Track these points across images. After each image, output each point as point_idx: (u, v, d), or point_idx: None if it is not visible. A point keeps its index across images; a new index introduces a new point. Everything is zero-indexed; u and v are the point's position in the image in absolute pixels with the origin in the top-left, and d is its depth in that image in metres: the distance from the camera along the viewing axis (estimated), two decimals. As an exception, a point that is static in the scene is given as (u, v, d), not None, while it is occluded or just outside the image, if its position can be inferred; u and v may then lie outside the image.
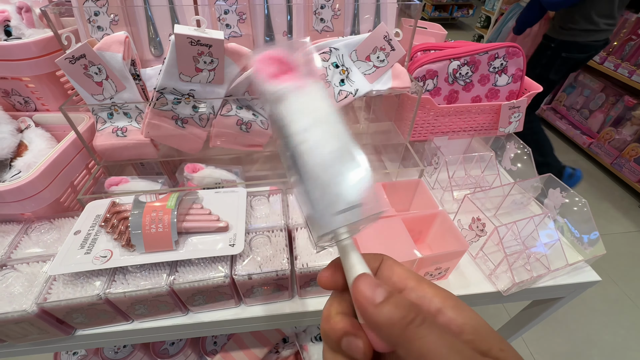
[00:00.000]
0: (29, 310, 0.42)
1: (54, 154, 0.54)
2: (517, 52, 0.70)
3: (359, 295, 0.19)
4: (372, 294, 0.18)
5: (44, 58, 0.59)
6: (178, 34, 0.49)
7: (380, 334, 0.18)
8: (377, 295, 0.18)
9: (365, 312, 0.18)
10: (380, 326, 0.18)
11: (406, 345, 0.17)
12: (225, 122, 0.60)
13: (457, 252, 0.53)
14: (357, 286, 0.19)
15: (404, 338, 0.17)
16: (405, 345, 0.17)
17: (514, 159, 0.77)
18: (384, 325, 0.18)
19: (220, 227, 0.49)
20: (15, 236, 0.51)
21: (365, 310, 0.18)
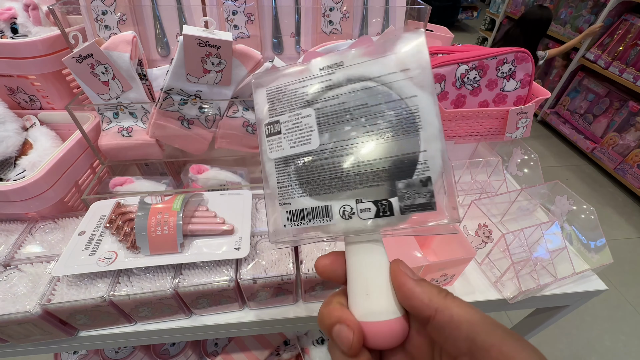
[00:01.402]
0: (33, 311, 0.42)
1: (59, 154, 0.54)
2: (526, 57, 0.69)
3: (401, 272, 0.22)
4: (412, 273, 0.22)
5: (51, 56, 0.58)
6: (186, 35, 0.48)
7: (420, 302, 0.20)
8: (416, 275, 0.22)
9: (405, 285, 0.21)
10: (421, 296, 0.20)
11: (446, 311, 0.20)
12: (231, 123, 0.60)
13: (463, 259, 0.52)
14: (398, 266, 0.22)
15: (444, 305, 0.20)
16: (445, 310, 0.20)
17: (521, 164, 0.77)
18: (425, 294, 0.20)
19: (226, 230, 0.49)
20: (19, 236, 0.51)
21: (405, 283, 0.21)
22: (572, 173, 2.35)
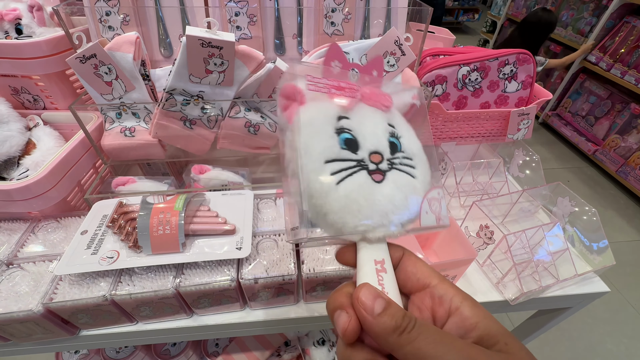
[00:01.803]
0: (35, 310, 0.42)
1: (62, 153, 0.54)
2: (528, 58, 0.70)
3: (359, 305, 0.20)
4: (372, 305, 0.20)
5: (54, 57, 0.59)
6: (189, 36, 0.49)
7: (378, 341, 0.20)
8: (377, 306, 0.20)
9: (365, 321, 0.20)
10: (377, 334, 0.20)
11: (400, 351, 0.19)
12: (233, 123, 0.60)
13: (465, 260, 0.52)
14: (358, 296, 0.21)
15: (398, 344, 0.19)
16: (399, 350, 0.19)
17: (522, 166, 0.77)
18: (381, 333, 0.19)
19: (227, 230, 0.49)
20: (22, 234, 0.51)
21: (364, 319, 0.20)
22: (573, 175, 2.34)
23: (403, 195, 0.24)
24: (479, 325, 0.20)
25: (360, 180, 0.24)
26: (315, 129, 0.25)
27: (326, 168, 0.23)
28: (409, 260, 0.25)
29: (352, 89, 0.26)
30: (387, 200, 0.24)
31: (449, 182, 0.73)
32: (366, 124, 0.26)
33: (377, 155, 0.25)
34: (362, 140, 0.25)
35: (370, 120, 0.26)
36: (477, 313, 0.21)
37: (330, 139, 0.24)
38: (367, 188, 0.24)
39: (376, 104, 0.27)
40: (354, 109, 0.26)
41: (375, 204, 0.23)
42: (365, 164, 0.24)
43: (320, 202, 0.23)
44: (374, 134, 0.25)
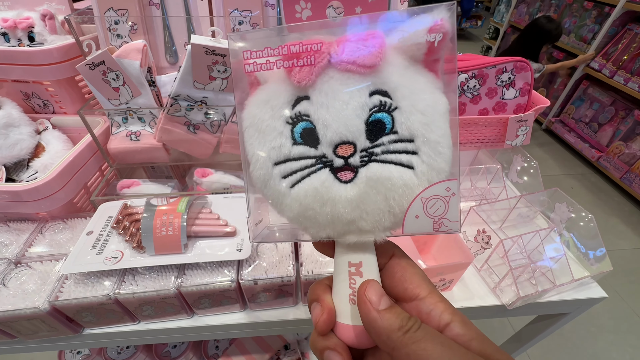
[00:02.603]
0: (42, 307, 0.44)
1: (69, 156, 0.56)
2: (525, 66, 0.71)
3: (364, 299, 0.20)
4: (378, 301, 0.19)
5: (65, 64, 0.61)
6: (194, 44, 0.51)
7: (379, 337, 0.19)
8: (382, 303, 0.19)
9: (368, 314, 0.19)
10: (379, 330, 0.19)
11: (403, 349, 0.18)
12: (236, 128, 0.61)
13: (461, 264, 0.53)
14: (365, 290, 0.20)
15: (402, 342, 0.18)
16: (402, 349, 0.18)
17: (521, 172, 0.77)
18: (384, 329, 0.19)
19: (228, 232, 0.50)
20: (30, 234, 0.53)
21: (368, 313, 0.19)
22: (577, 182, 2.33)
23: (381, 197, 0.19)
24: (472, 343, 0.19)
25: (317, 182, 0.19)
26: (260, 126, 0.20)
27: (275, 172, 0.20)
28: (398, 265, 0.22)
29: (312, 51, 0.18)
30: (353, 206, 0.19)
31: (447, 187, 0.73)
32: (331, 104, 0.19)
33: (347, 146, 0.19)
34: (323, 129, 0.19)
35: (339, 97, 0.19)
36: (469, 331, 0.19)
37: (278, 137, 0.20)
38: (326, 192, 0.19)
39: (350, 67, 0.19)
40: (317, 83, 0.19)
41: (336, 211, 0.19)
42: (329, 160, 0.20)
43: (277, 209, 0.21)
44: (340, 116, 0.19)
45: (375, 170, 0.19)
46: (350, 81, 0.19)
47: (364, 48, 0.19)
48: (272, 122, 0.20)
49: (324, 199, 0.20)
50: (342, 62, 0.19)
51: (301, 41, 0.19)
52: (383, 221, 0.20)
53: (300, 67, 0.19)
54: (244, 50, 0.19)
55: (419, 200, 0.20)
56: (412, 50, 0.20)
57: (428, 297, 0.21)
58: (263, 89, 0.20)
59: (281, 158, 0.20)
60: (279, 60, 0.19)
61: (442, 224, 0.20)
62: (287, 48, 0.19)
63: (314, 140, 0.19)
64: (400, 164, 0.19)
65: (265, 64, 0.19)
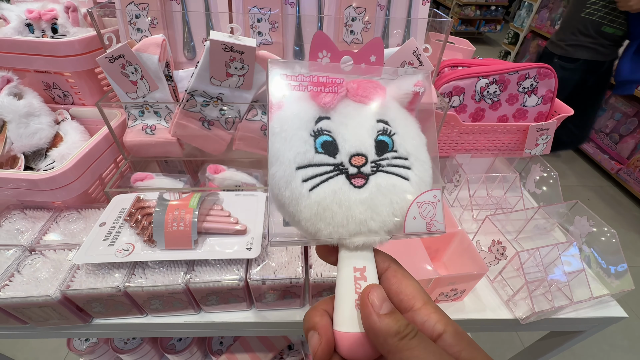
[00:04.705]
0: (53, 295, 0.44)
1: (86, 147, 0.57)
2: (549, 73, 0.68)
3: (367, 302, 0.21)
4: (380, 305, 0.21)
5: (86, 56, 0.62)
6: (213, 40, 0.50)
7: (377, 340, 0.20)
8: (384, 307, 0.20)
9: (369, 317, 0.20)
10: (378, 333, 0.20)
11: (399, 354, 0.19)
12: (250, 126, 0.61)
13: (475, 275, 0.51)
14: (369, 293, 0.21)
15: (397, 347, 0.19)
16: (397, 353, 0.19)
17: (539, 182, 0.75)
18: (382, 333, 0.20)
19: (239, 230, 0.50)
20: (45, 223, 0.54)
21: (369, 315, 0.20)
22: (594, 194, 2.26)
23: (387, 201, 0.23)
24: (462, 354, 0.20)
25: (335, 186, 0.23)
26: (288, 134, 0.23)
27: (298, 175, 0.22)
28: (394, 277, 0.23)
29: (335, 83, 0.24)
30: (365, 208, 0.23)
31: (462, 194, 0.72)
32: (349, 124, 0.24)
33: (360, 157, 0.23)
34: (343, 142, 0.23)
35: (355, 119, 0.24)
36: (459, 341, 0.20)
37: (303, 144, 0.23)
38: (343, 194, 0.23)
39: (364, 99, 0.25)
40: (337, 108, 0.24)
41: (351, 211, 0.22)
42: (345, 168, 0.23)
43: (292, 210, 0.22)
44: (356, 134, 0.24)
45: (383, 179, 0.23)
46: (362, 110, 0.25)
47: (372, 89, 0.25)
48: (299, 132, 0.23)
49: (341, 200, 0.23)
50: (357, 95, 0.25)
51: (328, 74, 0.24)
52: (388, 222, 0.23)
53: (326, 93, 0.24)
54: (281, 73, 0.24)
55: (415, 205, 0.24)
56: (402, 97, 0.26)
57: (423, 308, 0.22)
58: (292, 105, 0.24)
59: (304, 163, 0.23)
60: (309, 85, 0.24)
61: (432, 224, 0.24)
62: (317, 78, 0.24)
63: (333, 151, 0.23)
64: (400, 176, 0.24)
65: (298, 86, 0.24)
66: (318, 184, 0.23)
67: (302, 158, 0.23)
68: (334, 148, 0.23)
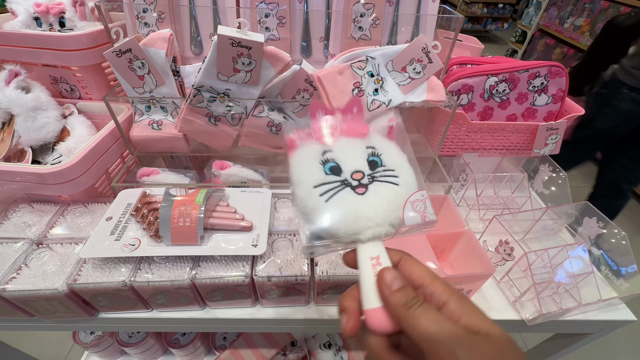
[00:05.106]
0: (60, 289, 0.44)
1: (93, 142, 0.57)
2: (560, 72, 0.67)
3: (382, 281, 0.26)
4: (391, 282, 0.26)
5: (93, 50, 0.62)
6: (221, 35, 0.50)
7: (391, 311, 0.25)
8: (395, 284, 0.25)
9: (383, 293, 0.26)
10: (391, 305, 0.25)
11: (406, 321, 0.24)
12: (256, 122, 0.61)
13: (482, 275, 0.51)
14: (383, 274, 0.26)
15: (405, 316, 0.24)
16: (405, 320, 0.24)
17: (548, 182, 0.74)
18: (394, 305, 0.25)
19: (245, 227, 0.50)
20: (52, 216, 0.54)
21: (383, 292, 0.26)
22: (601, 195, 2.23)
23: (385, 201, 0.29)
24: (462, 317, 0.23)
25: (344, 195, 0.30)
26: (304, 164, 0.31)
27: (315, 191, 0.30)
28: (406, 264, 0.28)
29: (333, 128, 0.33)
30: (369, 207, 0.29)
31: (469, 193, 0.71)
32: (346, 152, 0.32)
33: (358, 173, 0.31)
34: (344, 165, 0.31)
35: (350, 148, 0.32)
36: (461, 307, 0.24)
37: (316, 170, 0.31)
38: (351, 200, 0.29)
39: (354, 134, 0.33)
40: (336, 143, 0.32)
41: (359, 212, 0.29)
42: (349, 182, 0.30)
43: (315, 218, 0.29)
44: (353, 158, 0.32)
45: (379, 186, 0.30)
46: (354, 141, 0.33)
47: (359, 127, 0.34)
48: (312, 162, 0.32)
49: (350, 205, 0.29)
50: (350, 132, 0.34)
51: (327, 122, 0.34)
52: (389, 217, 0.29)
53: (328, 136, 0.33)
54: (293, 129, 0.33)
55: (409, 203, 0.30)
56: (382, 130, 0.35)
57: (431, 284, 0.26)
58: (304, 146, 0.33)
59: (319, 182, 0.30)
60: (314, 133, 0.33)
61: (426, 216, 0.30)
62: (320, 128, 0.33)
63: (338, 171, 0.31)
64: (391, 182, 0.31)
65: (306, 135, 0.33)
66: (331, 196, 0.29)
67: (316, 179, 0.30)
68: (339, 170, 0.31)
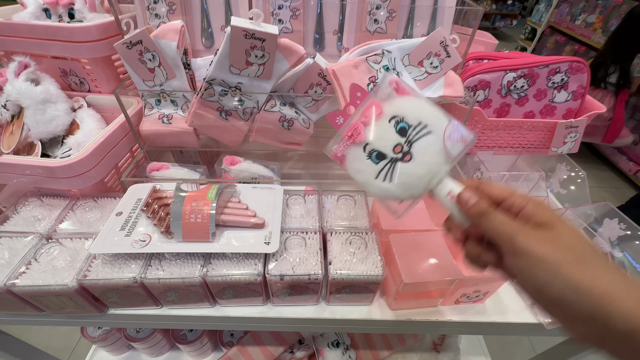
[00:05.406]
0: (70, 285, 0.44)
1: (103, 135, 0.56)
2: (582, 67, 0.65)
3: (461, 202, 0.32)
4: (468, 200, 0.31)
5: (103, 42, 0.60)
6: (234, 26, 0.49)
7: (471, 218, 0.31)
8: (471, 199, 0.31)
9: (465, 206, 0.31)
10: (469, 215, 0.31)
11: (482, 226, 0.30)
12: (268, 117, 0.60)
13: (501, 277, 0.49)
14: (462, 194, 0.32)
15: (480, 222, 0.30)
16: (482, 226, 0.30)
17: (565, 182, 0.72)
18: (472, 215, 0.31)
19: (257, 224, 0.49)
20: (62, 211, 0.53)
21: (464, 205, 0.31)
22: (610, 195, 2.20)
23: (429, 153, 0.34)
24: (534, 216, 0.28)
25: (400, 169, 0.35)
26: (358, 168, 0.37)
27: (379, 182, 0.35)
28: (484, 185, 0.32)
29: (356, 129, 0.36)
30: (421, 166, 0.34)
31: (483, 192, 0.69)
32: (379, 135, 0.36)
33: (398, 146, 0.35)
34: (384, 147, 0.35)
35: (379, 131, 0.36)
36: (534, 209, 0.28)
37: (368, 166, 0.36)
38: (407, 169, 0.34)
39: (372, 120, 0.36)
40: (367, 134, 0.36)
41: (418, 174, 0.34)
42: (395, 158, 0.35)
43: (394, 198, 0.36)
44: (385, 137, 0.35)
45: (418, 145, 0.34)
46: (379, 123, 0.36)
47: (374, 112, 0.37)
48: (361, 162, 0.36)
49: (408, 173, 0.35)
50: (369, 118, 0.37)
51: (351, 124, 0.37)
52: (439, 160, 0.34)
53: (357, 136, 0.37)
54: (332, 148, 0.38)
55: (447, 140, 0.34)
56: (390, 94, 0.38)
57: (510, 197, 0.30)
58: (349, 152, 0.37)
59: (376, 173, 0.36)
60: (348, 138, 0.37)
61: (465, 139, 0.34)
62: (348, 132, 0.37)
63: (382, 156, 0.36)
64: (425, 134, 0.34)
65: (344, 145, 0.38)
66: (391, 176, 0.35)
67: (373, 172, 0.36)
68: (382, 154, 0.35)
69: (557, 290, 0.24)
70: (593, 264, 0.25)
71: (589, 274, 0.24)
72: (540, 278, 0.25)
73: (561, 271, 0.24)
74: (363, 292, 0.50)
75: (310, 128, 0.63)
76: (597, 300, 0.23)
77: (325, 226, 0.53)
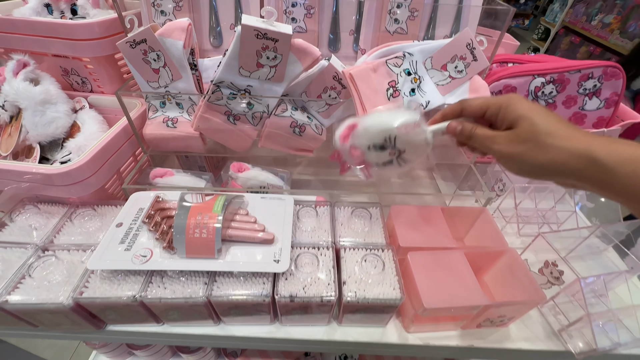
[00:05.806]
0: (65, 303, 0.40)
1: (104, 140, 0.52)
2: (617, 73, 0.60)
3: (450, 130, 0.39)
4: (456, 127, 0.39)
5: (105, 40, 0.57)
6: (245, 25, 0.45)
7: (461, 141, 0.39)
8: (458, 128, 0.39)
9: (454, 132, 0.39)
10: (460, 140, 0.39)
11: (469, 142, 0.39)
12: (278, 122, 0.56)
13: (530, 303, 0.45)
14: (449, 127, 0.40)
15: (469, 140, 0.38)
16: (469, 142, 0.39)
17: (592, 195, 0.67)
18: (459, 137, 0.39)
19: (266, 240, 0.45)
20: (59, 220, 0.50)
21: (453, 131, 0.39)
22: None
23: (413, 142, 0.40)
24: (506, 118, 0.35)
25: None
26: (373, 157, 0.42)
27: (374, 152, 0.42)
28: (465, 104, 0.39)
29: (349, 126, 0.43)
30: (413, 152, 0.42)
31: (505, 204, 0.65)
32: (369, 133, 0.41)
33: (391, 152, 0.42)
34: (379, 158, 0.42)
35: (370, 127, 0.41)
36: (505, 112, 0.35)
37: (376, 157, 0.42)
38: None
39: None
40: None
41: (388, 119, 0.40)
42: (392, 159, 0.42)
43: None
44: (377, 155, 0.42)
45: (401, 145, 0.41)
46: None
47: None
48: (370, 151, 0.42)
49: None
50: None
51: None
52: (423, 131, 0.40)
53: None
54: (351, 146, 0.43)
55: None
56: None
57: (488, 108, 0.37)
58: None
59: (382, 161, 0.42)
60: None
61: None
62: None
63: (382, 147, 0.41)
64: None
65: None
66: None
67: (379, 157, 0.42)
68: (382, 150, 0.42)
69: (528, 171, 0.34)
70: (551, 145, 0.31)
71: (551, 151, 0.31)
72: (515, 168, 0.35)
73: (525, 160, 0.33)
74: (378, 313, 0.47)
75: (322, 134, 0.59)
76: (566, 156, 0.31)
77: (339, 241, 0.50)
